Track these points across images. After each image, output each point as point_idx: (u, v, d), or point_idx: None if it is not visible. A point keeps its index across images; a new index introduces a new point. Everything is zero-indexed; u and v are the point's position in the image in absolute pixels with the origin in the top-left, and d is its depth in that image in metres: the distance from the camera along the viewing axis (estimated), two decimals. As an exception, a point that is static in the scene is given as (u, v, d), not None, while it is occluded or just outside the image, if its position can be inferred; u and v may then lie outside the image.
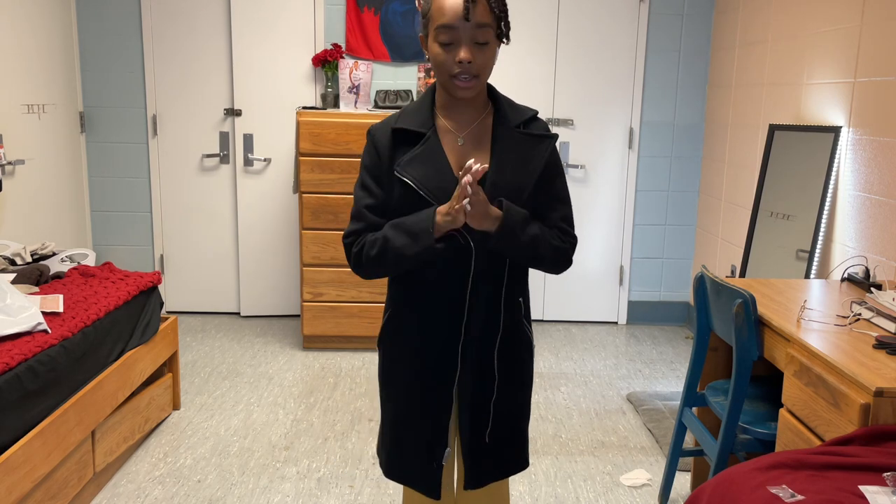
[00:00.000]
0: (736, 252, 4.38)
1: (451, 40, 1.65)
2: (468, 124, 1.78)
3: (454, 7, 1.63)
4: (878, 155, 3.07)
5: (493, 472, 1.90)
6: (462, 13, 1.62)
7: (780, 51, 3.90)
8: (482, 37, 1.65)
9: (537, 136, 1.78)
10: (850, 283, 2.77)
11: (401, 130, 1.75)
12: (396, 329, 1.85)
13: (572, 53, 4.84)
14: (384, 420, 1.93)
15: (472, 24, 1.63)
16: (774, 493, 1.56)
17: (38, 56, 4.27)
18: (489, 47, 1.67)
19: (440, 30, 1.65)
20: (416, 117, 1.77)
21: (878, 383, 1.81)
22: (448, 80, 1.69)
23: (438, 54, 1.67)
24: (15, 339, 2.50)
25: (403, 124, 1.76)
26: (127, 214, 4.99)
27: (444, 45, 1.66)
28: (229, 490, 2.94)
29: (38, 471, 2.39)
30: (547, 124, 1.84)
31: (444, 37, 1.65)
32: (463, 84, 1.67)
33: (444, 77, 1.69)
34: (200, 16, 4.77)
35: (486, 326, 1.81)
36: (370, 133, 1.79)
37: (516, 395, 1.90)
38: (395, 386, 1.88)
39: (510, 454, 1.92)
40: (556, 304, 5.13)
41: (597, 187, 4.99)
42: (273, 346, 4.54)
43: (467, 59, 1.64)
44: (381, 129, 1.78)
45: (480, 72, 1.68)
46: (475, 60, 1.66)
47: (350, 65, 4.41)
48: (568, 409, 3.77)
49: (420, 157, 1.72)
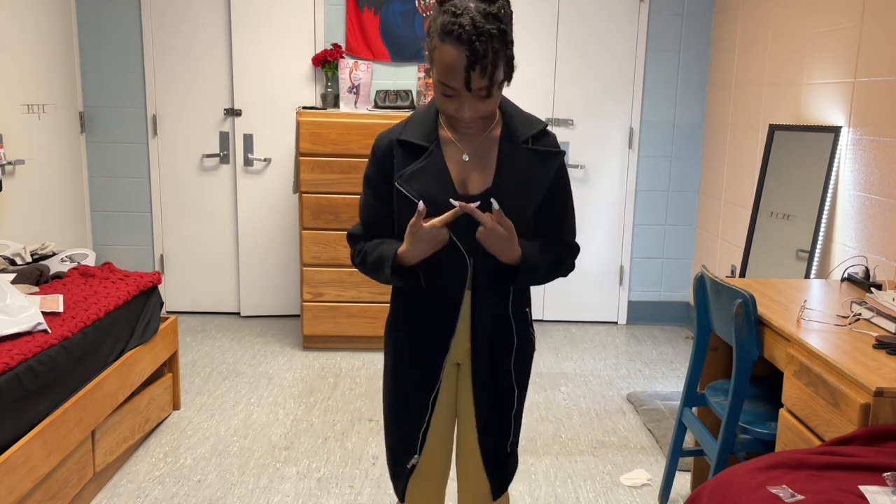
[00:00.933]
0: (736, 252, 4.38)
1: (454, 94, 1.61)
2: (474, 138, 1.74)
3: (454, 69, 1.55)
4: (878, 155, 3.07)
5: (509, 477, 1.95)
6: (462, 83, 1.57)
7: (780, 51, 3.90)
8: (485, 94, 1.60)
9: (543, 153, 1.73)
10: (850, 283, 2.77)
11: (404, 143, 1.74)
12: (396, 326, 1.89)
13: (572, 53, 4.84)
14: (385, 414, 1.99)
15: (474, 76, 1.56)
16: (774, 493, 1.56)
17: (38, 56, 4.27)
18: (493, 98, 1.62)
19: (442, 81, 1.60)
20: (420, 129, 1.74)
21: (878, 383, 1.81)
22: (448, 118, 1.71)
23: (441, 99, 1.64)
24: (15, 339, 2.50)
25: (407, 136, 1.73)
26: (127, 214, 4.99)
27: (446, 95, 1.62)
28: (229, 490, 2.94)
29: (38, 471, 2.39)
30: (556, 138, 1.79)
31: (447, 90, 1.61)
32: (463, 126, 1.70)
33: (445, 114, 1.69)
34: (200, 16, 4.77)
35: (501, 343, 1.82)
36: (374, 144, 1.79)
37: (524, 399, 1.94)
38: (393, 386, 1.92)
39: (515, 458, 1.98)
40: (556, 304, 5.13)
41: (597, 187, 4.99)
42: (273, 346, 4.54)
43: (468, 119, 1.65)
44: (384, 139, 1.76)
45: (484, 116, 1.67)
46: (477, 112, 1.63)
47: (350, 65, 4.41)
48: (568, 409, 3.77)
49: (422, 172, 1.70)
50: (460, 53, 1.54)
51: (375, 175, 1.77)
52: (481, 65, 1.54)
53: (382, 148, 1.75)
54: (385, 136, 1.76)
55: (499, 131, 1.75)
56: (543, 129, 1.77)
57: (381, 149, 1.76)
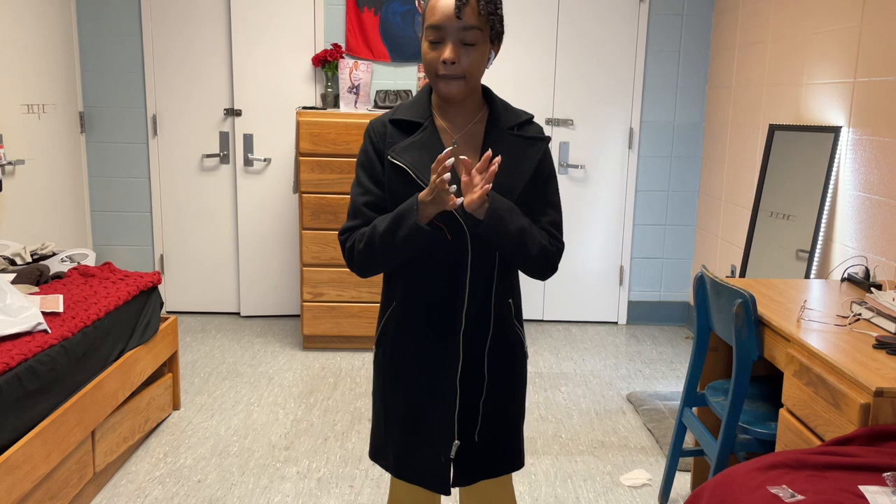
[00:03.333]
0: (736, 252, 4.38)
1: (438, 39, 1.66)
2: (462, 126, 1.78)
3: (445, 6, 1.64)
4: (878, 155, 3.07)
5: (481, 472, 1.89)
6: (453, 12, 1.63)
7: (780, 51, 3.90)
8: (470, 38, 1.65)
9: (529, 139, 1.78)
10: (850, 283, 2.78)
11: (398, 121, 1.76)
12: (399, 324, 1.83)
13: (572, 53, 4.84)
14: (385, 420, 1.90)
15: (460, 24, 1.63)
16: (774, 493, 1.56)
17: (38, 56, 4.27)
18: (477, 49, 1.66)
19: (429, 29, 1.67)
20: (413, 110, 1.78)
21: (878, 383, 1.81)
22: (435, 80, 1.70)
23: (427, 53, 1.69)
24: (15, 339, 2.50)
25: (400, 115, 1.77)
26: (127, 214, 4.99)
27: (433, 44, 1.67)
28: (229, 490, 2.94)
29: (38, 471, 2.39)
30: (541, 128, 1.84)
31: (433, 35, 1.66)
32: (447, 85, 1.67)
33: (431, 77, 1.71)
34: (200, 16, 4.77)
35: (477, 325, 1.81)
36: (366, 129, 1.80)
37: (508, 395, 1.88)
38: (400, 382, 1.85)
39: (501, 454, 1.91)
40: (556, 304, 5.13)
41: (597, 187, 4.99)
42: (273, 346, 4.54)
43: (451, 58, 1.64)
44: (377, 122, 1.79)
45: (467, 73, 1.67)
46: (460, 61, 1.65)
47: (350, 65, 4.41)
48: (568, 409, 3.77)
49: (416, 144, 1.72)
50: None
51: (370, 157, 1.76)
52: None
53: (377, 129, 1.77)
54: (377, 119, 1.79)
55: (485, 122, 1.80)
56: (529, 119, 1.82)
57: (376, 130, 1.77)
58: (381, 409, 1.90)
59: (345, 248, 1.77)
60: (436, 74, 1.69)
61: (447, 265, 1.76)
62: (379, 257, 1.70)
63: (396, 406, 1.86)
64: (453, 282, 1.77)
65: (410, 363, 1.83)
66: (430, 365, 1.81)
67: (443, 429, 1.82)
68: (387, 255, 1.69)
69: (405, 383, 1.84)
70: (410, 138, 1.73)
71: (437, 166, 1.56)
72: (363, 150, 1.79)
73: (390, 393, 1.87)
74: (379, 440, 1.93)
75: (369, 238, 1.69)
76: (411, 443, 1.86)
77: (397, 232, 1.64)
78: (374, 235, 1.68)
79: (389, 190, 1.74)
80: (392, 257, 1.69)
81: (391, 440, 1.88)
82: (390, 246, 1.66)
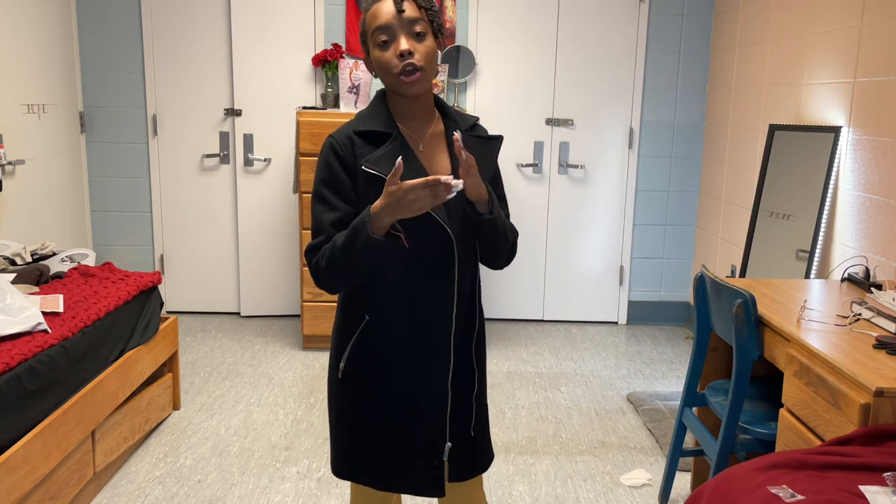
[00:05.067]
0: (736, 252, 4.38)
1: (389, 38, 1.68)
2: (422, 131, 1.79)
3: (386, 6, 1.68)
4: (878, 155, 3.07)
5: (473, 467, 1.90)
6: (395, 9, 1.67)
7: (780, 51, 3.90)
8: (418, 28, 1.69)
9: (485, 138, 1.83)
10: (850, 283, 2.77)
11: (364, 133, 1.73)
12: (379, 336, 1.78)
13: (572, 53, 4.84)
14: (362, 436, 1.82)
15: (405, 17, 1.67)
16: (774, 493, 1.56)
17: (38, 56, 4.27)
18: (427, 39, 1.70)
19: (377, 32, 1.69)
20: (375, 120, 1.75)
21: (878, 383, 1.81)
22: (395, 80, 1.69)
23: (380, 56, 1.69)
24: (15, 339, 2.50)
25: (366, 126, 1.73)
26: (127, 214, 4.99)
27: (384, 45, 1.69)
28: (229, 490, 2.94)
29: (38, 471, 2.39)
30: (486, 129, 1.92)
31: (382, 36, 1.68)
32: (409, 78, 1.68)
33: (390, 78, 1.70)
34: (200, 16, 4.77)
35: (466, 324, 1.82)
36: (328, 144, 1.73)
37: (484, 387, 1.94)
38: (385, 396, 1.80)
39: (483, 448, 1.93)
40: (556, 304, 5.13)
41: (597, 187, 4.99)
42: (273, 346, 4.54)
43: (408, 48, 1.66)
44: (341, 136, 1.74)
45: (423, 63, 1.69)
46: (416, 51, 1.68)
47: (350, 65, 4.41)
48: (568, 409, 3.77)
49: (389, 155, 1.70)
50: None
51: (335, 172, 1.72)
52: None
53: (342, 142, 1.72)
54: (338, 134, 1.74)
55: (441, 126, 1.83)
56: (476, 122, 1.88)
57: (341, 143, 1.72)
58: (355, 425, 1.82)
59: (311, 266, 1.71)
60: (395, 73, 1.68)
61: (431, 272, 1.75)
62: (342, 272, 1.65)
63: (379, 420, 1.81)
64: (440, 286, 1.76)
65: (396, 374, 1.79)
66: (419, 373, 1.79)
67: (435, 433, 1.81)
68: (349, 269, 1.64)
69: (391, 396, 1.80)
70: (382, 149, 1.71)
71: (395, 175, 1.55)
72: (325, 166, 1.72)
73: (373, 408, 1.80)
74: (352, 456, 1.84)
75: (330, 253, 1.65)
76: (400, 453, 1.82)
77: (354, 244, 1.60)
78: (335, 250, 1.64)
79: (367, 202, 1.69)
80: (354, 270, 1.65)
81: (373, 454, 1.82)
82: (350, 259, 1.62)
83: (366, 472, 1.84)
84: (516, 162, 4.95)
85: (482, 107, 4.90)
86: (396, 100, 1.77)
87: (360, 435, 1.82)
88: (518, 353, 4.55)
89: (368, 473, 1.84)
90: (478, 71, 4.86)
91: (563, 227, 5.04)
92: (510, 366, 4.33)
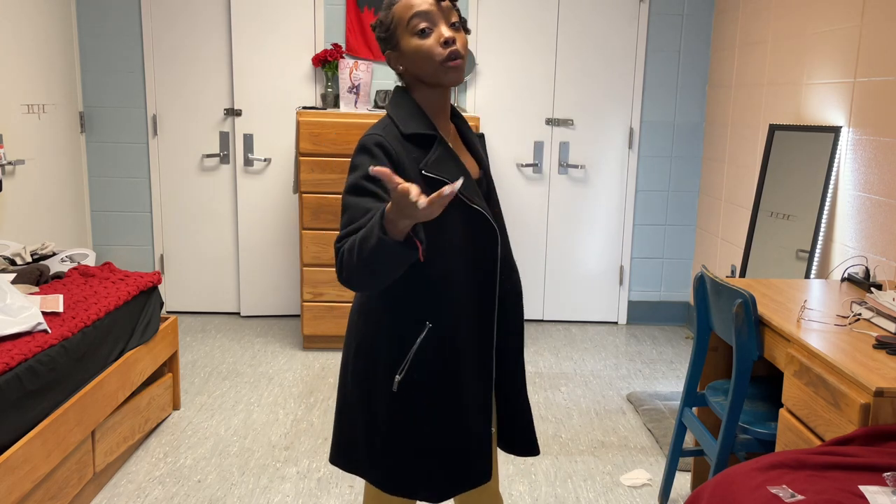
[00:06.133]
0: (736, 252, 4.38)
1: (428, 26, 1.63)
2: (444, 127, 1.77)
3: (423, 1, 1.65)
4: (878, 155, 3.07)
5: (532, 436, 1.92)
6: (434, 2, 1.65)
7: (780, 51, 3.90)
8: (455, 18, 1.67)
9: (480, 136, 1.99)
10: (850, 283, 2.77)
11: (414, 136, 1.67)
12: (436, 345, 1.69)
13: (572, 53, 4.84)
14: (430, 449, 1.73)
15: (444, 7, 1.65)
16: (774, 493, 1.56)
17: (38, 56, 4.27)
18: (461, 31, 1.68)
19: (416, 19, 1.63)
20: (417, 122, 1.69)
21: (878, 383, 1.81)
22: (438, 68, 1.63)
23: (420, 45, 1.63)
24: (15, 339, 2.50)
25: (413, 129, 1.67)
26: (127, 214, 4.99)
27: (423, 33, 1.63)
28: (229, 490, 2.94)
29: (38, 471, 2.39)
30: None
31: (423, 23, 1.63)
32: (455, 63, 1.63)
33: (432, 67, 1.64)
34: (200, 16, 4.77)
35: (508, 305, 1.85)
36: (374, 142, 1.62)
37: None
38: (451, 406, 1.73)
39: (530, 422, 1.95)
40: (556, 304, 5.13)
41: (597, 187, 4.99)
42: (273, 346, 4.54)
43: (452, 37, 1.63)
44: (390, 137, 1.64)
45: (464, 52, 1.67)
46: (458, 40, 1.65)
47: (350, 65, 4.41)
48: (568, 409, 3.77)
49: (443, 158, 1.67)
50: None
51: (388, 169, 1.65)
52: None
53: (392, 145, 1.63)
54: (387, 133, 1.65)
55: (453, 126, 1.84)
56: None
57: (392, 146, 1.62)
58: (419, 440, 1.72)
59: (336, 256, 1.56)
60: (439, 62, 1.63)
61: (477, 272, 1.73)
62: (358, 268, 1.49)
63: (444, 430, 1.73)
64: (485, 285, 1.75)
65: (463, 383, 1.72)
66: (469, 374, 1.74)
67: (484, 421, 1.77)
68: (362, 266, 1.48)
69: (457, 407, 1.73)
70: (434, 153, 1.66)
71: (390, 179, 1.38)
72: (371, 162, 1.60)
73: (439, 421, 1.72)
74: (413, 471, 1.73)
75: (351, 244, 1.51)
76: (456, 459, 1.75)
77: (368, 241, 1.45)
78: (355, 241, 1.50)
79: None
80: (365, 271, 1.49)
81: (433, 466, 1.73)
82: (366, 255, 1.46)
83: (424, 487, 1.74)
84: (516, 162, 4.95)
85: (482, 107, 4.90)
86: (425, 96, 1.71)
87: (424, 450, 1.73)
88: (518, 353, 4.54)
89: (426, 487, 1.74)
90: (478, 71, 4.86)
91: (563, 227, 5.04)
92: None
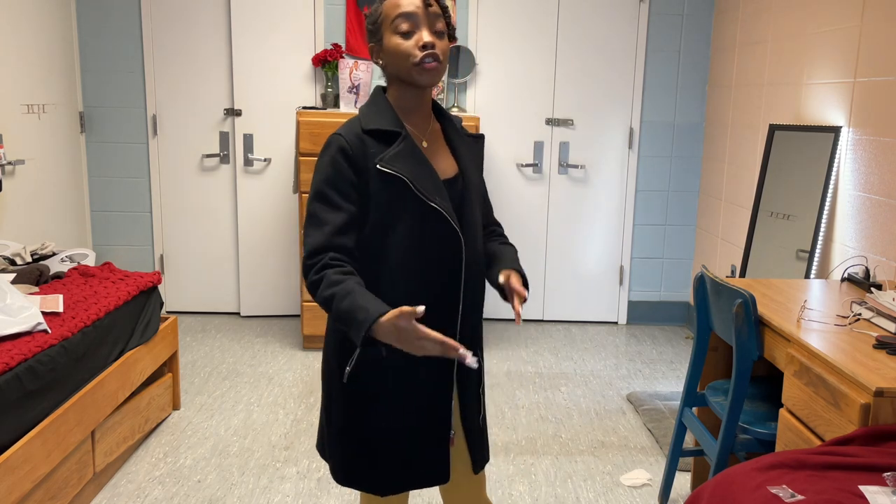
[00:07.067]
0: (736, 252, 4.38)
1: (411, 28, 1.68)
2: (423, 128, 1.79)
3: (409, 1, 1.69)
4: (878, 155, 3.07)
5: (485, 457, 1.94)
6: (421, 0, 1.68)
7: (780, 51, 3.91)
8: (439, 26, 1.70)
9: (475, 137, 1.90)
10: (850, 283, 2.78)
11: (374, 132, 1.70)
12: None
13: (572, 53, 4.84)
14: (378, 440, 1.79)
15: (431, 10, 1.69)
16: (774, 493, 1.56)
17: (38, 56, 4.27)
18: (444, 39, 1.72)
19: (400, 19, 1.68)
20: (381, 119, 1.72)
21: (878, 383, 1.81)
22: (411, 69, 1.68)
23: (399, 44, 1.68)
24: (15, 339, 2.50)
25: (375, 125, 1.70)
26: (127, 214, 4.99)
27: (405, 35, 1.68)
28: (229, 490, 2.94)
29: (38, 471, 2.39)
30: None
31: (405, 25, 1.67)
32: (430, 65, 1.67)
33: (406, 66, 1.68)
34: (200, 16, 4.77)
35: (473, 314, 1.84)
36: (335, 143, 1.68)
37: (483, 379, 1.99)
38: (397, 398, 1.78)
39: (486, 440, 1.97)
40: (556, 304, 5.13)
41: (597, 187, 4.99)
42: (273, 346, 4.54)
43: (431, 42, 1.66)
44: (350, 135, 1.69)
45: (443, 58, 1.70)
46: (437, 46, 1.68)
47: (350, 65, 4.41)
48: (568, 409, 3.77)
49: (403, 154, 1.69)
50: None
51: (343, 172, 1.67)
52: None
53: (351, 141, 1.68)
54: (347, 133, 1.70)
55: (438, 125, 1.85)
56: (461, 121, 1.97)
57: (350, 143, 1.67)
58: (366, 432, 1.78)
59: (307, 277, 1.64)
60: (413, 63, 1.67)
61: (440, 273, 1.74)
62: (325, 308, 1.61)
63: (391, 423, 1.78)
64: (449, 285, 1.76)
65: (408, 374, 1.77)
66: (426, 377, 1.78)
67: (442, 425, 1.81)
68: (330, 313, 1.60)
69: (402, 398, 1.78)
70: (394, 148, 1.69)
71: (411, 317, 1.48)
72: (331, 164, 1.67)
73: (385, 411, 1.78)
74: (360, 463, 1.81)
75: (329, 300, 1.59)
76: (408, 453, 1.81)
77: (349, 323, 1.55)
78: (334, 301, 1.58)
79: (377, 203, 1.68)
80: (329, 315, 1.62)
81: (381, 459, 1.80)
82: (338, 321, 1.58)
83: (370, 479, 1.81)
84: (516, 162, 4.95)
85: (482, 107, 4.90)
86: (400, 95, 1.76)
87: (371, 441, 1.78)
88: (518, 353, 4.55)
89: (372, 480, 1.81)
90: (478, 71, 4.86)
91: (562, 227, 5.04)
92: (510, 366, 4.33)
